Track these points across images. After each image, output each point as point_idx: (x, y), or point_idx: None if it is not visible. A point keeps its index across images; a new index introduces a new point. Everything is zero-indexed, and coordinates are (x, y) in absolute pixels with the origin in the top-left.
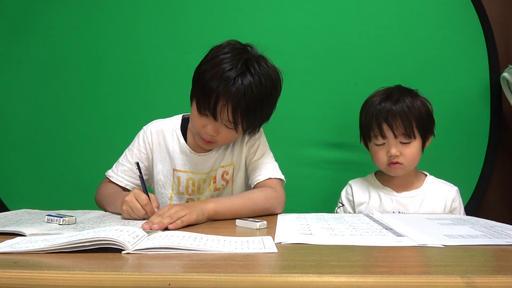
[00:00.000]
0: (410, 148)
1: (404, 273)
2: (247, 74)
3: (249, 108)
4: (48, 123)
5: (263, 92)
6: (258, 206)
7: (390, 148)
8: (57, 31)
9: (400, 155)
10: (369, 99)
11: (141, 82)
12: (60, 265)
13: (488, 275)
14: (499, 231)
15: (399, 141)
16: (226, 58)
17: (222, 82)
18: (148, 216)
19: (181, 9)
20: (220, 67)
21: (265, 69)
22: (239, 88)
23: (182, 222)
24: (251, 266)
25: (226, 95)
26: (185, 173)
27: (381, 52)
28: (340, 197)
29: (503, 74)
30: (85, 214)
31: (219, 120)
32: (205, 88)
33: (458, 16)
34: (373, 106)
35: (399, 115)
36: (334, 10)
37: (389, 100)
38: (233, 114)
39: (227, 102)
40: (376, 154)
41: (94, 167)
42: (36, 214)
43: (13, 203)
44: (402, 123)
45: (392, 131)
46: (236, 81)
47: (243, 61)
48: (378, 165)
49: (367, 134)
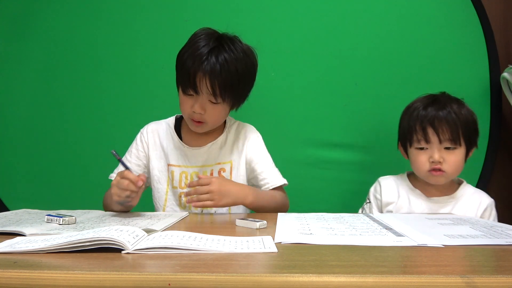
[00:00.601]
0: (454, 155)
1: (404, 273)
2: (221, 49)
3: (226, 77)
4: (48, 123)
5: (238, 63)
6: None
7: (433, 153)
8: (57, 31)
9: (443, 161)
10: (412, 104)
11: (141, 82)
12: (60, 265)
13: (488, 275)
14: (499, 231)
15: (443, 146)
16: (201, 39)
17: (197, 57)
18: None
19: (181, 9)
20: (194, 45)
21: (239, 45)
22: (214, 61)
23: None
24: (251, 266)
25: (203, 68)
26: (178, 167)
27: (381, 52)
28: (368, 193)
29: (503, 74)
30: (85, 214)
31: (201, 94)
32: (183, 68)
33: (458, 16)
34: (418, 111)
35: (445, 120)
36: (334, 10)
37: (435, 105)
38: (212, 85)
39: (205, 75)
40: (417, 159)
41: (94, 167)
42: (36, 214)
43: (13, 203)
44: (449, 128)
45: (437, 135)
46: (210, 54)
47: (215, 38)
48: (419, 172)
49: (409, 139)
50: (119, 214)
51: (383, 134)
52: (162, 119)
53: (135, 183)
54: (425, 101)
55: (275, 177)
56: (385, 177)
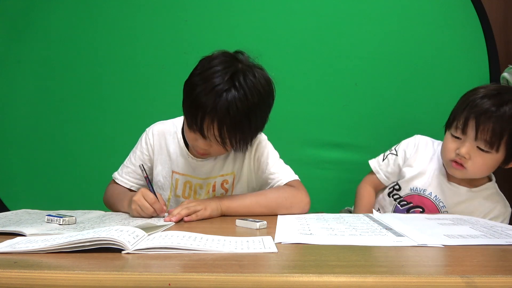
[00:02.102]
0: (484, 158)
1: (404, 273)
2: (232, 89)
3: (235, 124)
4: (48, 123)
5: (249, 106)
6: (271, 203)
7: (463, 146)
8: (57, 31)
9: (470, 159)
10: (476, 89)
11: (141, 82)
12: (60, 265)
13: (488, 275)
14: (499, 231)
15: (477, 145)
16: (216, 72)
17: (208, 99)
18: (157, 214)
19: (181, 9)
20: (208, 82)
21: (252, 82)
22: (224, 104)
23: (197, 216)
24: (251, 266)
25: (212, 112)
26: (183, 176)
27: (381, 52)
28: (399, 144)
29: (503, 74)
30: (85, 214)
31: (207, 138)
32: (192, 104)
33: (458, 16)
34: (474, 98)
35: (494, 118)
36: (334, 10)
37: (493, 98)
38: (220, 131)
39: (213, 120)
40: (447, 144)
41: (94, 167)
42: (36, 214)
43: (13, 203)
44: (492, 129)
45: (476, 131)
46: (221, 97)
47: (230, 75)
48: (443, 156)
49: (450, 122)
50: (119, 214)
51: (383, 134)
52: (162, 119)
53: (157, 211)
54: (488, 91)
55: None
56: (425, 139)
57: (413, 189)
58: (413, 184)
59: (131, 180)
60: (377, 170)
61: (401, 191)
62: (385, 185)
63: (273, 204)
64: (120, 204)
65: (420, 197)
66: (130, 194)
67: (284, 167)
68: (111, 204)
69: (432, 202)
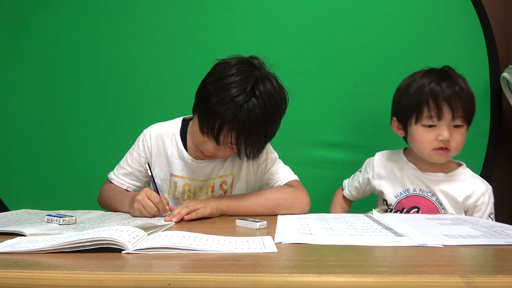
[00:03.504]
0: (460, 133)
1: (404, 273)
2: (252, 98)
3: (253, 132)
4: (48, 123)
5: (267, 115)
6: (271, 203)
7: (442, 131)
8: (57, 31)
9: (451, 140)
10: (414, 79)
11: (141, 82)
12: (60, 265)
13: (488, 275)
14: (499, 231)
15: (453, 124)
16: (234, 82)
17: (228, 109)
18: (160, 214)
19: (181, 9)
20: (227, 92)
21: (269, 91)
22: (244, 114)
23: (197, 214)
24: (251, 266)
25: (232, 122)
26: (182, 178)
27: (381, 52)
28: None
29: (503, 74)
30: (85, 214)
31: (222, 145)
32: (210, 112)
33: (458, 16)
34: (429, 86)
35: (459, 97)
36: (334, 10)
37: (447, 80)
38: (237, 139)
39: (232, 129)
40: (424, 137)
41: (94, 167)
42: (36, 214)
43: (13, 203)
44: (463, 105)
45: (451, 112)
46: (242, 107)
47: (251, 86)
48: (421, 150)
49: (417, 115)
50: (119, 214)
51: (383, 134)
52: (162, 119)
53: (160, 211)
54: (433, 76)
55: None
56: (382, 152)
57: (397, 196)
58: (395, 191)
59: (128, 181)
60: (344, 185)
61: (390, 205)
62: (350, 199)
63: (273, 204)
64: (121, 204)
65: (408, 198)
66: (132, 193)
67: (283, 167)
68: (108, 204)
69: (420, 196)
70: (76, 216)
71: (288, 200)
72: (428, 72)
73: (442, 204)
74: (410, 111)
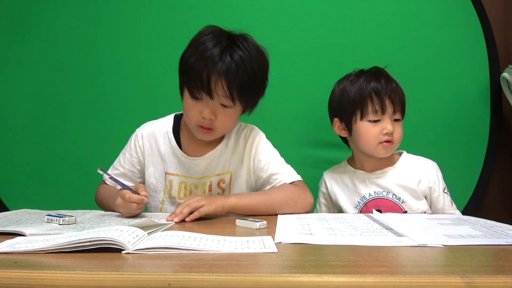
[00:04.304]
0: (400, 126)
1: (404, 273)
2: (234, 48)
3: (243, 78)
4: (48, 123)
5: (253, 62)
6: (276, 202)
7: (386, 124)
8: (57, 31)
9: (394, 132)
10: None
11: (141, 82)
12: (60, 265)
13: (488, 275)
14: (499, 231)
15: (394, 118)
16: (208, 38)
17: (209, 58)
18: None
19: (181, 9)
20: (203, 46)
21: (252, 42)
22: (230, 60)
23: (199, 213)
24: (251, 266)
25: (217, 70)
26: (177, 176)
27: (381, 52)
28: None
29: (503, 74)
30: (85, 214)
31: (215, 98)
32: (193, 71)
33: (458, 16)
34: (369, 83)
35: (396, 91)
36: (334, 10)
37: (383, 77)
38: (229, 87)
39: (220, 76)
40: (370, 131)
41: (94, 167)
42: (36, 214)
43: (13, 203)
44: (399, 100)
45: (393, 105)
46: (223, 54)
47: (226, 37)
48: (368, 145)
49: (362, 111)
50: (119, 214)
51: None
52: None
53: (141, 203)
54: (369, 75)
55: (289, 174)
56: (328, 170)
57: (357, 205)
58: (353, 202)
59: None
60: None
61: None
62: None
63: (278, 204)
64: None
65: (367, 204)
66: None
67: (286, 166)
68: (104, 205)
69: (378, 198)
70: (76, 216)
71: (293, 199)
72: (362, 72)
73: (401, 198)
74: (354, 108)
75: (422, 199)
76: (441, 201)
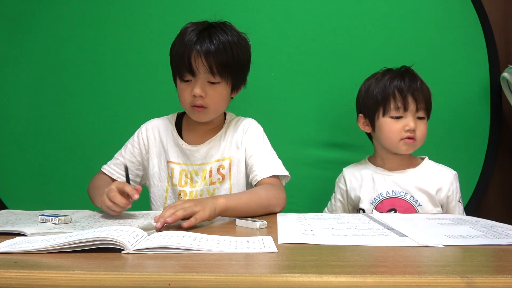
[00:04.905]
0: (424, 124)
1: (404, 273)
2: (213, 30)
3: (221, 54)
4: (48, 123)
5: (232, 43)
6: (263, 202)
7: (409, 121)
8: (57, 31)
9: (416, 129)
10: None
11: (141, 82)
12: (60, 265)
13: (488, 275)
14: (499, 231)
15: (417, 116)
16: (189, 27)
17: (189, 41)
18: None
19: (181, 9)
20: (184, 33)
21: (232, 27)
22: (208, 40)
23: (196, 220)
24: (251, 266)
25: (196, 48)
26: (178, 164)
27: (381, 52)
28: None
29: (503, 74)
30: (75, 213)
31: (198, 75)
32: (177, 56)
33: (458, 16)
34: (393, 81)
35: (420, 90)
36: (334, 10)
37: (409, 76)
38: (208, 62)
39: (199, 54)
40: (392, 127)
41: (95, 167)
42: (23, 214)
43: (13, 203)
44: (423, 99)
45: (416, 104)
46: (201, 35)
47: (207, 24)
48: (390, 140)
49: (384, 107)
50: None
51: None
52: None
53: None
54: (395, 73)
55: (265, 168)
56: (348, 167)
57: (372, 202)
58: (370, 197)
59: (118, 171)
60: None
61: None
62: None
63: (265, 202)
64: (97, 199)
65: (382, 202)
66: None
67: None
68: (91, 196)
69: (395, 197)
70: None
71: (276, 196)
72: (388, 71)
73: (418, 200)
74: (377, 105)
75: (438, 206)
76: (456, 211)
